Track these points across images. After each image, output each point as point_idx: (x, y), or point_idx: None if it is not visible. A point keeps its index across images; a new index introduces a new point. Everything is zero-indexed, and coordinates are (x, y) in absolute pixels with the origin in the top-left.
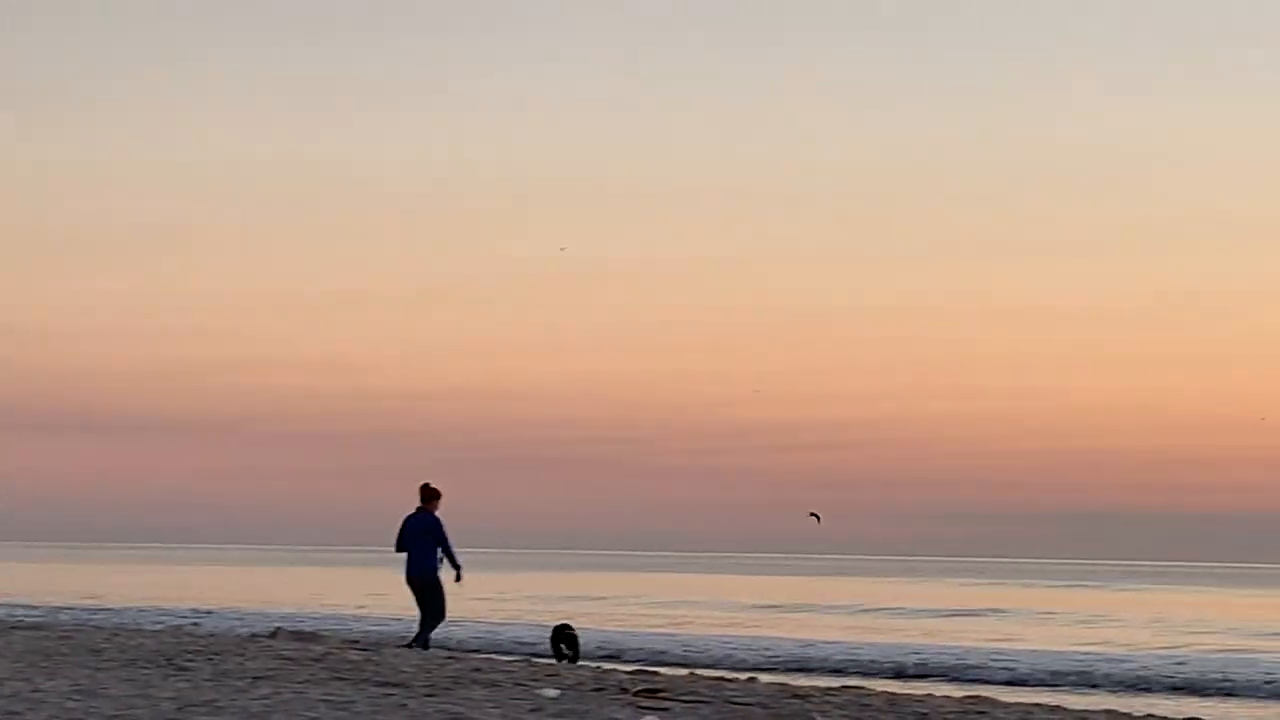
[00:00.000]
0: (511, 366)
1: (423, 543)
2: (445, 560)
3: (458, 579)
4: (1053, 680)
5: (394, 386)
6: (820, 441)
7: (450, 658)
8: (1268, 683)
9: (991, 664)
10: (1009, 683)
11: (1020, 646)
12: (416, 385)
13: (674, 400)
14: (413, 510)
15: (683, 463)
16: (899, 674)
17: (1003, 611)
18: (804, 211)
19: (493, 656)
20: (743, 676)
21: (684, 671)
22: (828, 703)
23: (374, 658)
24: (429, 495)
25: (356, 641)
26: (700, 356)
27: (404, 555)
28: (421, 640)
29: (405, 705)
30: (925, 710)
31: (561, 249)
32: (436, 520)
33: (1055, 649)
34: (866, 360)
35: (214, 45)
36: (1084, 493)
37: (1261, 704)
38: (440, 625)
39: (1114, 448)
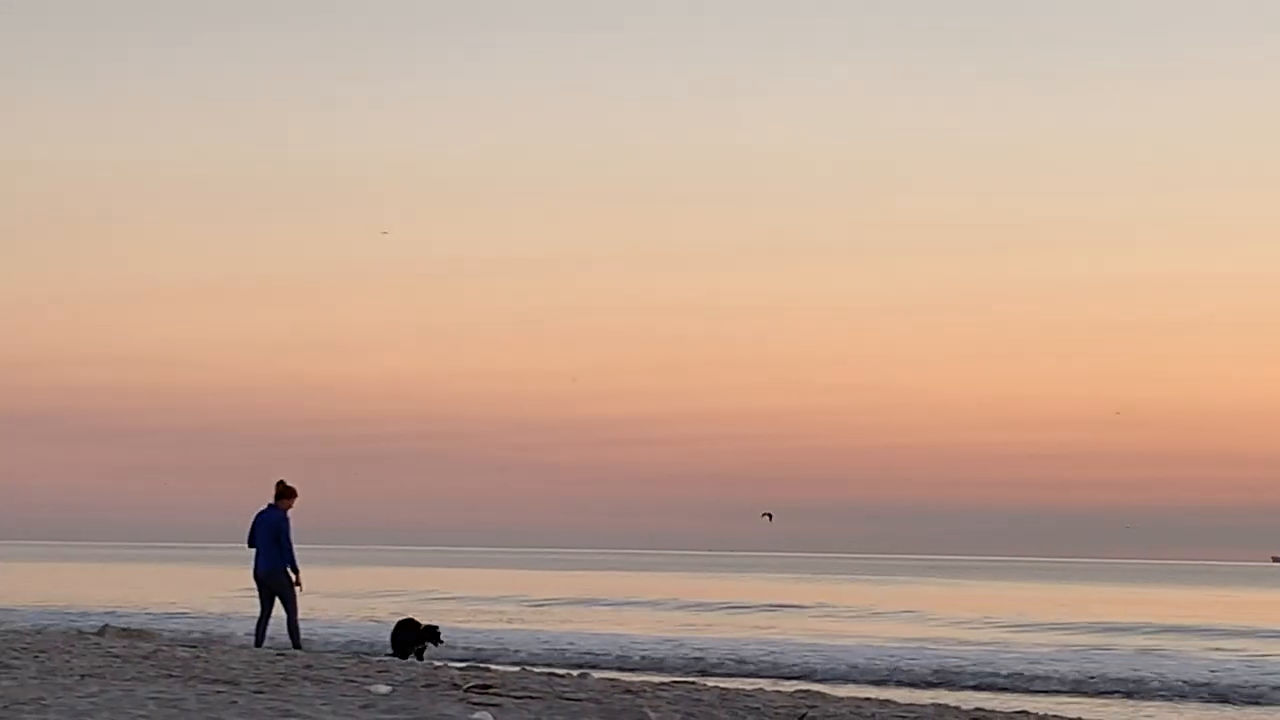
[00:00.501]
0: (339, 363)
1: (270, 539)
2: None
3: (295, 582)
4: (880, 675)
5: (223, 382)
6: (641, 437)
7: (280, 654)
8: (1092, 678)
9: (815, 659)
10: (836, 678)
11: (845, 642)
12: (245, 381)
13: (497, 395)
14: (264, 506)
15: (509, 458)
16: (726, 671)
17: (828, 606)
18: (619, 211)
19: (324, 653)
20: (574, 672)
21: (515, 667)
22: (659, 698)
23: (203, 655)
24: (281, 492)
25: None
26: (524, 353)
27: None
28: (294, 640)
29: (235, 702)
30: (757, 705)
31: (384, 232)
32: (284, 518)
33: (878, 644)
34: (686, 357)
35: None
36: (905, 488)
37: (1091, 699)
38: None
39: (940, 443)
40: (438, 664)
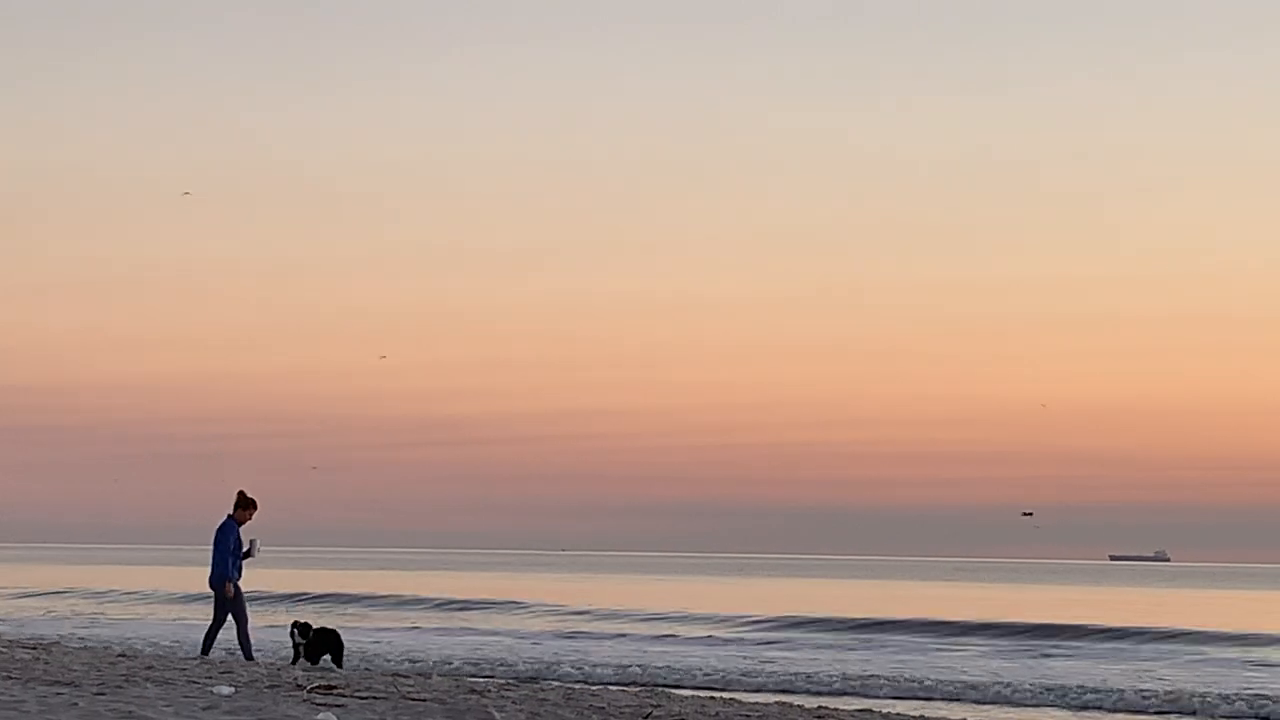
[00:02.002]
0: (164, 362)
1: (217, 550)
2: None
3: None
4: (721, 679)
5: (63, 381)
6: (462, 438)
7: (121, 655)
8: (914, 680)
9: (639, 661)
10: (672, 683)
11: (686, 645)
12: (85, 380)
13: (326, 394)
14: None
15: (340, 458)
16: (566, 675)
17: (667, 612)
18: (456, 210)
19: (166, 655)
20: (418, 673)
21: (358, 668)
22: (505, 698)
23: (43, 656)
24: (237, 503)
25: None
26: (348, 350)
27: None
28: (206, 643)
29: (76, 704)
30: (602, 704)
31: (184, 193)
32: (222, 527)
33: (717, 647)
34: (517, 356)
35: None
36: (725, 487)
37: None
38: (218, 631)
39: (810, 441)
40: (280, 665)
